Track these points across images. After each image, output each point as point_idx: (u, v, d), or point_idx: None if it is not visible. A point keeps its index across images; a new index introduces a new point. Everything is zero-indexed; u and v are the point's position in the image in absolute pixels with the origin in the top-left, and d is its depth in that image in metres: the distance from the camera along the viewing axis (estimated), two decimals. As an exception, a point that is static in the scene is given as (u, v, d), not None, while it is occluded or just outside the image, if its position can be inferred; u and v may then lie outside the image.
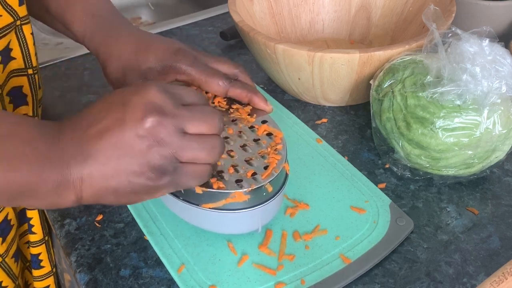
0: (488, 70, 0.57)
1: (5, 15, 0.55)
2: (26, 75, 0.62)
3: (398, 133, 0.62)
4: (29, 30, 0.59)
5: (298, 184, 0.63)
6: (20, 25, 0.58)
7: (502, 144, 0.60)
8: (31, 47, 0.61)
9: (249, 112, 0.57)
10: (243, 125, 0.55)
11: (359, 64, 0.67)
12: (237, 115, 0.57)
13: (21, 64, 0.60)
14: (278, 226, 0.58)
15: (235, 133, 0.54)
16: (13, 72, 0.60)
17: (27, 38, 0.59)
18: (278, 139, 0.54)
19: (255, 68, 0.87)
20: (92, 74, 0.87)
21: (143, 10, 1.34)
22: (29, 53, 0.60)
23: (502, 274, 0.51)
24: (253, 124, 0.56)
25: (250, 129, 0.55)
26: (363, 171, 0.65)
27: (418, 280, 0.54)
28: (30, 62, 0.61)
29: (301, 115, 0.76)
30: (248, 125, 0.56)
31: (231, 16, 0.74)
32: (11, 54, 0.59)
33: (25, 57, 0.61)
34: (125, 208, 0.61)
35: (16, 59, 0.60)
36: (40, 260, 0.70)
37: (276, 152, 0.52)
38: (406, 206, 0.61)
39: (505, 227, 0.59)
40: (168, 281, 0.54)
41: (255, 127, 0.56)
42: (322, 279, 0.52)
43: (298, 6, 0.88)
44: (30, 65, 0.61)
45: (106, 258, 0.56)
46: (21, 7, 0.57)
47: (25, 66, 0.61)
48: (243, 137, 0.54)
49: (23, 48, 0.60)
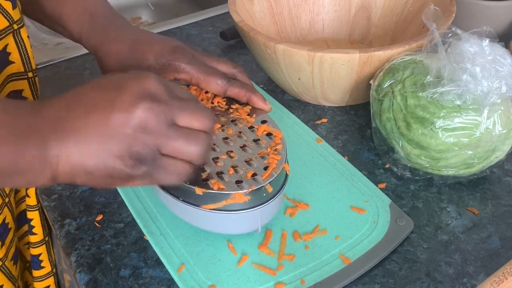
0: (488, 70, 0.57)
1: (0, 18, 0.55)
2: (27, 79, 0.61)
3: (398, 133, 0.62)
4: (25, 33, 0.59)
5: (298, 184, 0.63)
6: (18, 29, 0.57)
7: (502, 144, 0.60)
8: (29, 50, 0.60)
9: (248, 112, 0.57)
10: (242, 126, 0.56)
11: (359, 64, 0.67)
12: (236, 116, 0.57)
13: (20, 68, 0.60)
14: (278, 226, 0.57)
15: (235, 133, 0.54)
16: (11, 76, 0.60)
17: (25, 42, 0.59)
18: (278, 139, 0.54)
19: (255, 68, 0.87)
20: (92, 74, 0.87)
21: (143, 10, 1.34)
22: (28, 57, 0.60)
23: (502, 274, 0.51)
24: (252, 124, 0.56)
25: (250, 129, 0.55)
26: (363, 171, 0.65)
27: (418, 280, 0.54)
28: (30, 65, 0.61)
29: (301, 115, 0.76)
30: (247, 125, 0.56)
31: (231, 16, 0.74)
32: (9, 58, 0.59)
33: (25, 61, 0.60)
34: (125, 208, 0.61)
35: (15, 63, 0.59)
36: (41, 261, 0.70)
37: (276, 152, 0.52)
38: (406, 206, 0.61)
39: (505, 227, 0.59)
40: (168, 281, 0.54)
41: (254, 127, 0.56)
42: (322, 279, 0.52)
43: (298, 6, 0.88)
44: (30, 68, 0.61)
45: (106, 258, 0.56)
46: (14, 11, 0.56)
47: (24, 69, 0.61)
48: (243, 138, 0.54)
49: (22, 51, 0.59)
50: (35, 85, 0.63)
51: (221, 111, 0.57)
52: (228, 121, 0.56)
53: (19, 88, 0.61)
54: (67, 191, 0.64)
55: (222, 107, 0.58)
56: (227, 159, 0.51)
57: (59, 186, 0.65)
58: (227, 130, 0.54)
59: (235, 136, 0.54)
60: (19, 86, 0.61)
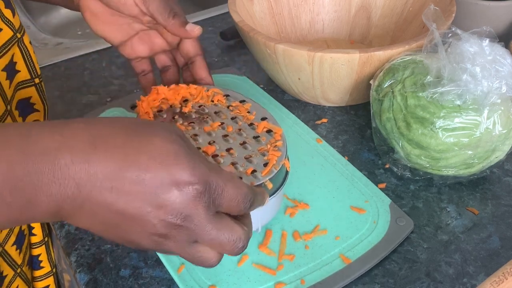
0: (488, 70, 0.57)
1: (5, 29, 0.55)
2: (34, 85, 0.61)
3: (398, 133, 0.62)
4: (27, 39, 0.59)
5: (298, 184, 0.63)
6: (21, 37, 0.57)
7: (502, 144, 0.60)
8: (33, 56, 0.60)
9: (248, 109, 0.57)
10: (242, 123, 0.55)
11: (359, 64, 0.67)
12: (236, 113, 0.57)
13: (26, 75, 0.60)
14: (278, 226, 0.57)
15: (235, 131, 0.54)
16: (19, 84, 0.60)
17: (28, 48, 0.59)
18: (278, 135, 0.54)
19: (255, 68, 0.87)
20: (92, 74, 0.87)
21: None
22: (33, 63, 0.60)
23: (502, 274, 0.51)
24: (252, 122, 0.56)
25: (250, 126, 0.55)
26: (363, 171, 0.65)
27: (418, 280, 0.54)
28: (35, 72, 0.61)
29: (301, 115, 0.76)
30: (247, 123, 0.56)
31: (231, 16, 0.74)
32: (16, 67, 0.59)
33: (30, 68, 0.60)
34: (125, 208, 0.61)
35: (21, 72, 0.59)
36: (40, 261, 0.70)
37: (276, 149, 0.52)
38: (406, 206, 0.61)
39: (505, 227, 0.59)
40: (168, 281, 0.54)
41: (254, 124, 0.55)
42: (322, 279, 0.52)
43: (298, 6, 0.88)
44: (35, 75, 0.61)
45: (106, 258, 0.56)
46: (15, 18, 0.56)
47: (31, 76, 0.61)
48: (243, 135, 0.54)
49: (27, 59, 0.59)
50: (42, 90, 0.63)
51: (221, 109, 0.57)
52: (228, 118, 0.56)
53: (27, 96, 0.61)
54: (67, 191, 0.64)
55: (222, 105, 0.58)
56: (227, 156, 0.51)
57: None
58: (227, 128, 0.54)
59: (235, 133, 0.54)
60: (26, 93, 0.61)
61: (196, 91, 0.58)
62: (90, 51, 0.92)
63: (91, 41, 0.94)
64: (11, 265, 0.62)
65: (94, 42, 0.94)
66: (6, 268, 0.61)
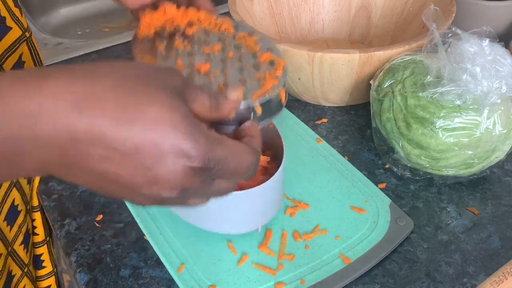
0: (488, 70, 0.57)
1: (15, 28, 0.55)
2: None
3: (398, 133, 0.62)
4: (34, 39, 0.59)
5: (298, 184, 0.63)
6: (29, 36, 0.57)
7: (502, 144, 0.60)
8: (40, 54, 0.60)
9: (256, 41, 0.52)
10: (245, 51, 0.51)
11: (359, 64, 0.67)
12: (241, 42, 0.53)
13: None
14: (278, 226, 0.57)
15: (235, 57, 0.50)
16: None
17: (36, 47, 0.59)
18: (280, 66, 0.49)
19: (255, 68, 0.87)
20: (92, 74, 0.87)
21: (143, 10, 1.34)
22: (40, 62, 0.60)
23: (502, 274, 0.51)
24: (256, 52, 0.51)
25: (252, 55, 0.51)
26: (363, 171, 0.65)
27: (418, 280, 0.54)
28: None
29: (301, 115, 0.76)
30: (251, 53, 0.51)
31: (231, 16, 0.74)
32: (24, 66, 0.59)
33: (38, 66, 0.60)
34: (125, 208, 0.61)
35: None
36: (42, 261, 0.70)
37: (274, 77, 0.48)
38: (406, 206, 0.61)
39: (505, 227, 0.59)
40: (168, 281, 0.54)
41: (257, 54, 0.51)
42: (322, 279, 0.52)
43: (298, 6, 0.88)
44: None
45: (106, 258, 0.56)
46: (22, 17, 0.56)
47: None
48: (243, 62, 0.50)
49: (35, 58, 0.59)
50: None
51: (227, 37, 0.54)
52: (231, 46, 0.52)
53: None
54: (67, 191, 0.64)
55: (229, 33, 0.54)
56: (220, 75, 0.47)
57: (59, 186, 0.65)
58: (227, 53, 0.50)
59: (235, 59, 0.50)
60: None
61: (205, 18, 0.54)
62: (90, 51, 0.92)
63: (91, 41, 0.94)
64: (19, 265, 0.62)
65: (94, 42, 0.94)
66: (14, 267, 0.61)
